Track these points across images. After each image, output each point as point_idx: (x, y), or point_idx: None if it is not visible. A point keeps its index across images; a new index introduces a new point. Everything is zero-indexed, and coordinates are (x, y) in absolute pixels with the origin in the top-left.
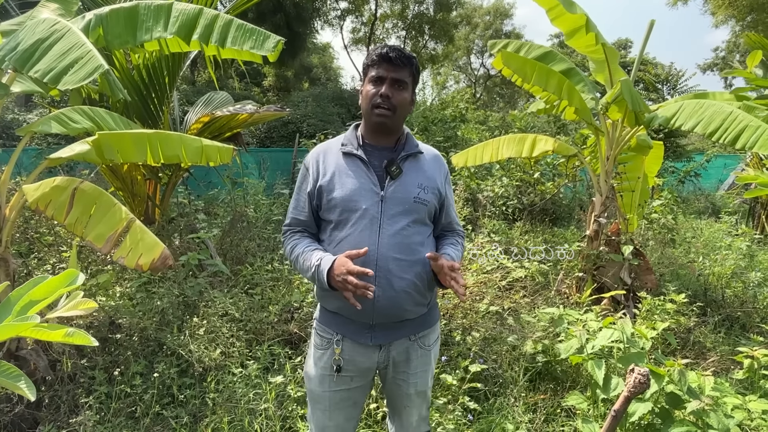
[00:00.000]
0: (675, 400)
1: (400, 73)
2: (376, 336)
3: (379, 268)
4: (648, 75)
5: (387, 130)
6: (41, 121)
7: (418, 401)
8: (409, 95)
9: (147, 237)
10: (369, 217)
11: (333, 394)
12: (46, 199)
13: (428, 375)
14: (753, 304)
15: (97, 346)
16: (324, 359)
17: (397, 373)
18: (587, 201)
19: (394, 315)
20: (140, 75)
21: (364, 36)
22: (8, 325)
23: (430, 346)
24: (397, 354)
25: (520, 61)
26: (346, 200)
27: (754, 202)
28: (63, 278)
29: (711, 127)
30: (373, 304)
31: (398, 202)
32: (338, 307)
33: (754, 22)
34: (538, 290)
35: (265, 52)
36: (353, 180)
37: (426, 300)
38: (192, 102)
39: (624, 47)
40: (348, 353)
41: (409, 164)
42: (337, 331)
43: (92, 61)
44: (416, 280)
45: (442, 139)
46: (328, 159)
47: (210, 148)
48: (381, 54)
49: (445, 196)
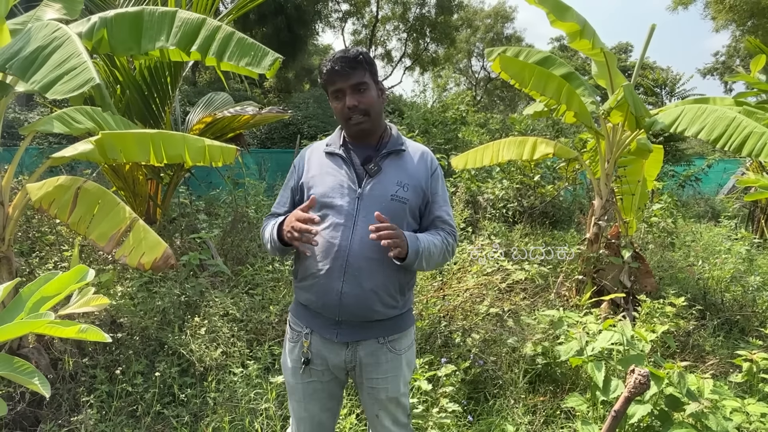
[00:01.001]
0: (674, 402)
1: (354, 77)
2: (342, 333)
3: (349, 265)
4: (646, 80)
5: (367, 133)
6: (44, 120)
7: (391, 407)
8: (375, 91)
9: (149, 236)
10: (344, 213)
11: (306, 385)
12: (49, 198)
13: (399, 381)
14: (752, 307)
15: (100, 344)
16: (295, 351)
17: (367, 377)
18: (587, 204)
19: (361, 314)
20: (142, 75)
21: (365, 38)
22: (24, 322)
23: (401, 351)
24: (364, 355)
25: (518, 66)
26: (323, 196)
27: (753, 207)
28: (74, 274)
29: (715, 134)
30: (339, 299)
31: (375, 200)
32: (307, 299)
33: (754, 27)
34: (538, 292)
35: (262, 70)
36: (332, 177)
37: (397, 303)
38: (193, 102)
39: (624, 51)
40: (315, 347)
41: (390, 162)
42: (306, 325)
43: (84, 73)
44: (386, 281)
45: (443, 141)
46: (312, 157)
47: (213, 149)
48: (329, 70)
49: (432, 193)
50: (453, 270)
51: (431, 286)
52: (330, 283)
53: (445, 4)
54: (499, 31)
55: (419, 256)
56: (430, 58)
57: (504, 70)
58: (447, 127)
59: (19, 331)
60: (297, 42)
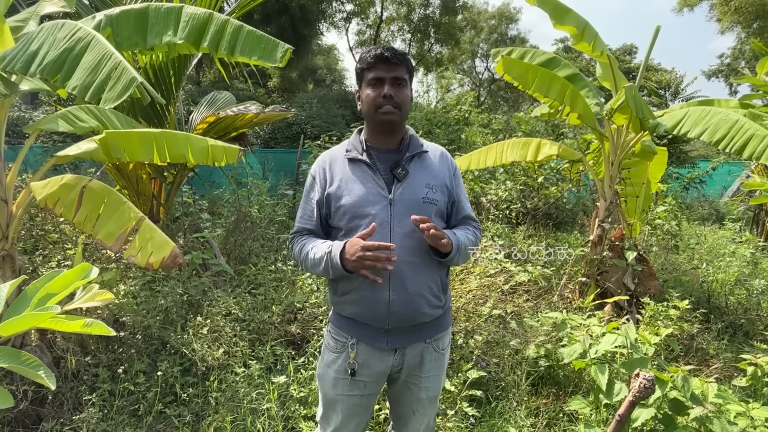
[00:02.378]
0: (678, 406)
1: (397, 71)
2: (392, 340)
3: (392, 272)
4: (650, 82)
5: (394, 128)
6: (48, 119)
7: (429, 407)
8: (409, 92)
9: (157, 235)
10: (379, 221)
11: (347, 398)
12: (54, 197)
13: (441, 379)
14: (756, 311)
15: (102, 342)
16: (338, 362)
17: (410, 376)
18: (591, 206)
19: (410, 319)
20: (147, 75)
21: (369, 38)
22: (29, 315)
23: (444, 349)
24: (411, 357)
25: (522, 68)
26: (354, 207)
27: (758, 209)
28: (78, 272)
29: (717, 135)
30: (388, 308)
31: (407, 205)
32: (354, 312)
33: (760, 29)
34: (541, 294)
35: (274, 62)
36: (360, 186)
37: (441, 302)
38: (197, 102)
39: (629, 53)
40: (362, 357)
41: (415, 165)
42: (352, 335)
43: (125, 75)
44: (430, 282)
45: (446, 142)
46: (334, 166)
47: (216, 148)
48: (377, 55)
49: (456, 192)
50: (456, 271)
51: None
52: (377, 293)
53: (449, 5)
54: (504, 32)
55: (459, 251)
56: (434, 59)
57: (507, 72)
58: (450, 127)
59: (25, 325)
60: (301, 42)
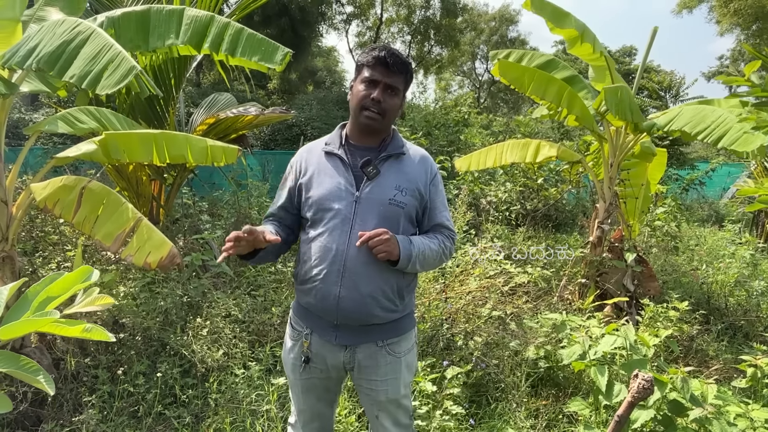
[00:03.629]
0: (678, 407)
1: (394, 78)
2: (340, 336)
3: (346, 269)
4: (651, 83)
5: (374, 132)
6: (48, 120)
7: (391, 408)
8: (400, 101)
9: (155, 236)
10: (341, 217)
11: (304, 381)
12: (54, 198)
13: (399, 383)
14: (756, 312)
15: (102, 344)
16: (295, 350)
17: (364, 379)
18: (590, 207)
19: (359, 318)
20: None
21: (369, 40)
22: (29, 320)
23: (400, 354)
24: (363, 358)
25: (519, 71)
26: (321, 200)
27: (758, 211)
28: (79, 275)
29: (699, 127)
30: (337, 303)
31: (372, 204)
32: (307, 302)
33: (759, 31)
34: (540, 296)
35: (274, 64)
36: (330, 180)
37: (396, 306)
38: (197, 103)
39: (629, 54)
40: (315, 347)
41: (389, 165)
42: (307, 325)
43: (124, 63)
44: (384, 285)
45: (445, 143)
46: (311, 158)
47: (215, 149)
48: (378, 57)
49: (429, 198)
50: (455, 273)
51: (433, 289)
52: (328, 287)
53: (449, 7)
54: (504, 33)
55: (412, 259)
56: (434, 61)
57: (503, 75)
58: (449, 129)
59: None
60: (301, 44)
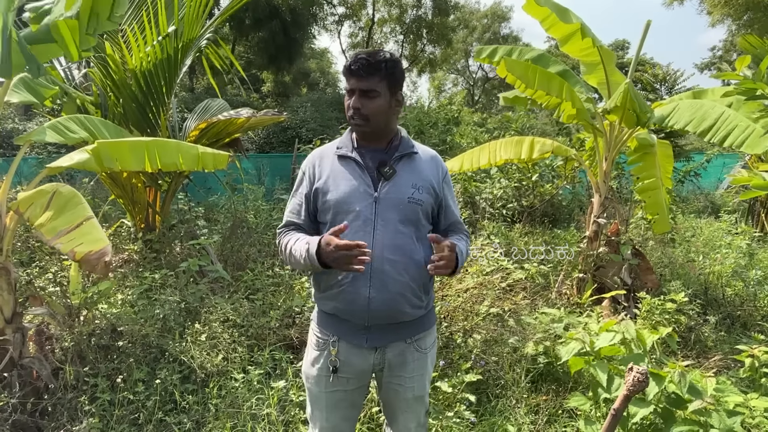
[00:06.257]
0: (677, 400)
1: (367, 82)
2: (371, 338)
3: (373, 270)
4: (646, 75)
5: (367, 137)
6: (38, 130)
7: (416, 406)
8: (386, 100)
9: (95, 232)
10: (362, 218)
11: (330, 394)
12: (27, 202)
13: (425, 379)
14: (753, 302)
15: (101, 353)
16: (321, 360)
17: (393, 377)
18: (586, 202)
19: (390, 317)
20: (137, 82)
21: (361, 40)
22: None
23: (427, 350)
24: (392, 356)
25: (524, 67)
26: (339, 202)
27: (753, 201)
28: None
29: (703, 126)
30: (368, 305)
31: (392, 203)
32: (334, 308)
33: (750, 21)
34: (538, 291)
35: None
36: (347, 182)
37: (422, 302)
38: (191, 109)
39: (622, 48)
40: (344, 354)
41: (403, 164)
42: (333, 333)
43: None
44: (411, 282)
45: (437, 143)
46: (324, 162)
47: (206, 155)
48: (346, 67)
49: (443, 196)
50: None
51: None
52: (357, 289)
53: (441, 6)
54: (496, 30)
55: (460, 266)
56: (428, 60)
57: (510, 72)
58: (441, 128)
59: None
60: (293, 46)
